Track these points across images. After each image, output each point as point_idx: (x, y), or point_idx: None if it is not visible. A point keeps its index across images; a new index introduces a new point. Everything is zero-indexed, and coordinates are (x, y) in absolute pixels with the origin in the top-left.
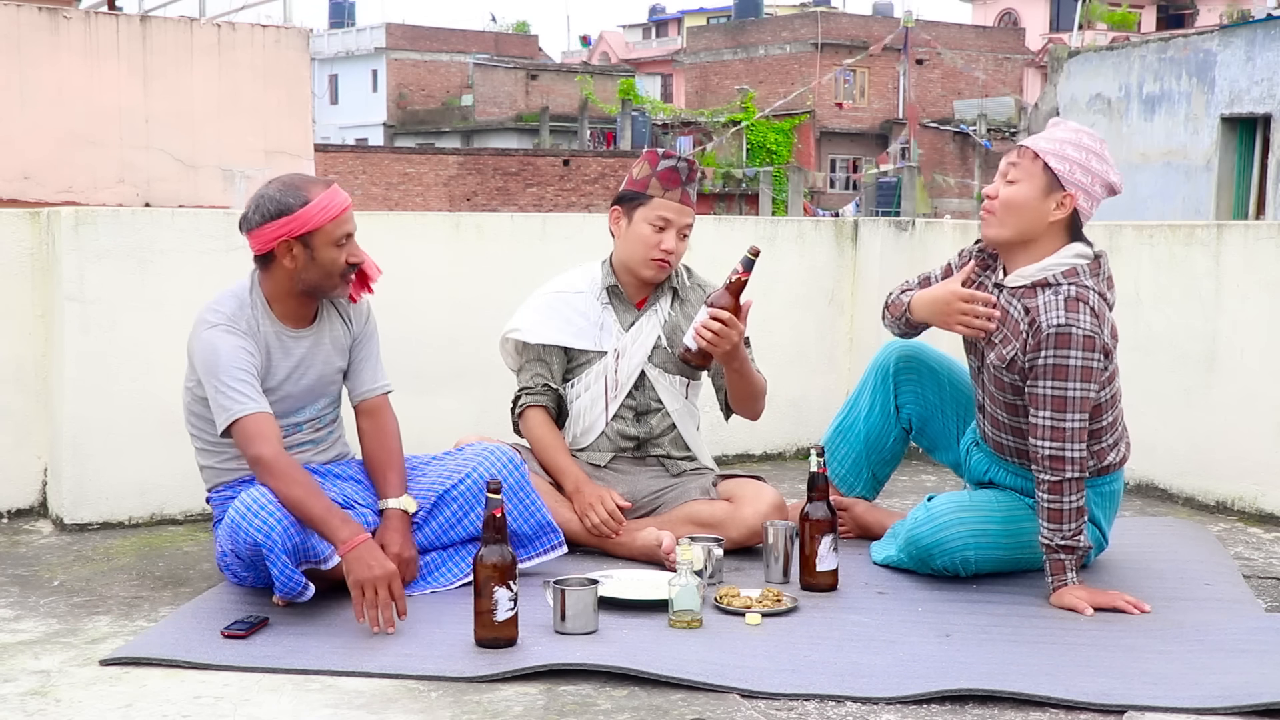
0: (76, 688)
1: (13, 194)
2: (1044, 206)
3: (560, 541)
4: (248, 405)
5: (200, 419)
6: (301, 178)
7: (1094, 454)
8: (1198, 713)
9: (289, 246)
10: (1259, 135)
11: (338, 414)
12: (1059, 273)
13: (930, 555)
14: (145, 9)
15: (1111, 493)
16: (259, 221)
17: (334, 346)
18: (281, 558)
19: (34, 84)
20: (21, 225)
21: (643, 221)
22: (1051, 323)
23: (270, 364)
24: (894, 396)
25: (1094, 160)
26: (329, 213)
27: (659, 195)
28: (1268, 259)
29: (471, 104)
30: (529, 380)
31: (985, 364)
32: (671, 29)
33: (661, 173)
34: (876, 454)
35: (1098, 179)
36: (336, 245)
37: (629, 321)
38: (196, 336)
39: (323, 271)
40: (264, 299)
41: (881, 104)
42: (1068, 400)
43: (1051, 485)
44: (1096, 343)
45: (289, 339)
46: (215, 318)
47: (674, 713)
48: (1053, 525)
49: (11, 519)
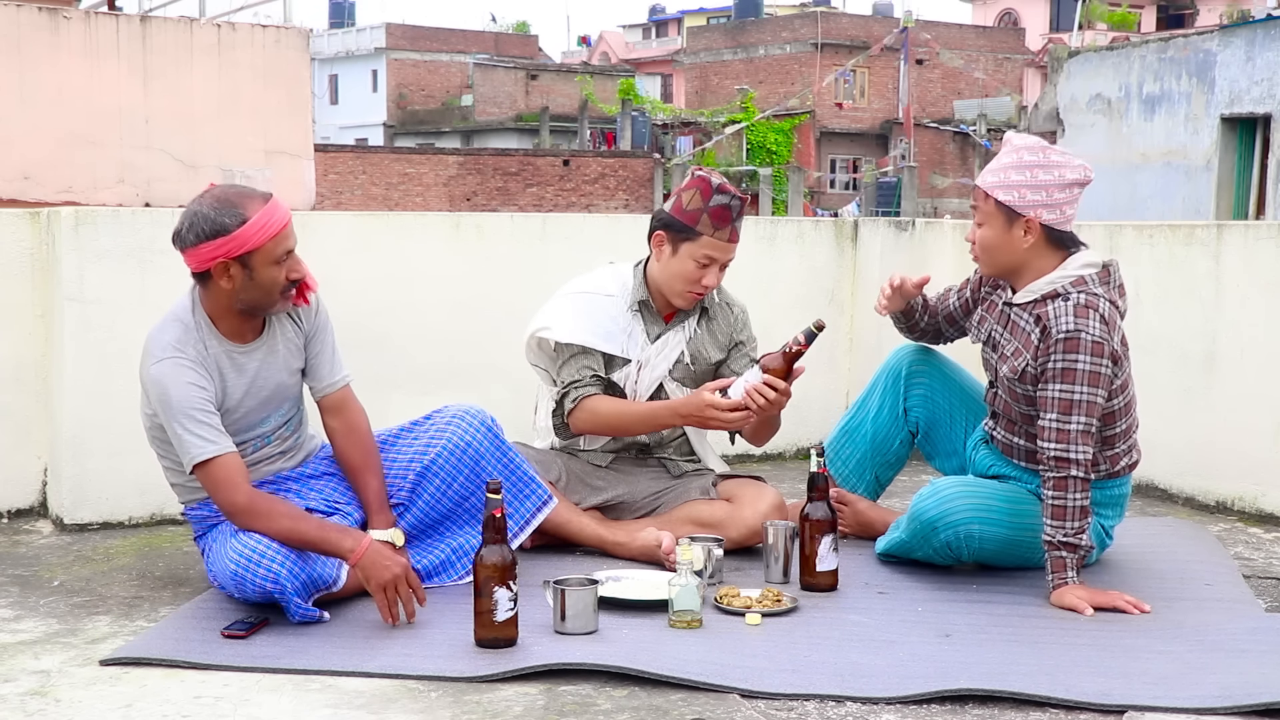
0: (76, 688)
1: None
2: (1012, 238)
3: (548, 497)
4: (207, 448)
5: (164, 444)
6: (238, 192)
7: (1107, 459)
8: (1198, 713)
9: (226, 267)
10: (1259, 135)
11: (302, 414)
12: (1068, 283)
13: (934, 529)
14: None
15: (1120, 496)
16: (193, 241)
17: (287, 350)
18: (294, 600)
19: (34, 84)
20: (21, 225)
21: (688, 256)
22: (1061, 328)
23: (225, 384)
24: (904, 399)
25: (1040, 173)
26: (268, 231)
27: (709, 234)
28: (1268, 259)
29: (471, 104)
30: (576, 374)
31: (999, 378)
32: (671, 29)
33: (714, 209)
34: (881, 456)
35: (1053, 187)
36: (276, 263)
37: (655, 333)
38: (145, 371)
39: (262, 290)
40: (207, 318)
41: (881, 104)
42: (1074, 403)
43: (1057, 482)
44: (1105, 349)
45: (239, 355)
46: (161, 350)
47: (674, 713)
48: (1056, 522)
49: (11, 519)
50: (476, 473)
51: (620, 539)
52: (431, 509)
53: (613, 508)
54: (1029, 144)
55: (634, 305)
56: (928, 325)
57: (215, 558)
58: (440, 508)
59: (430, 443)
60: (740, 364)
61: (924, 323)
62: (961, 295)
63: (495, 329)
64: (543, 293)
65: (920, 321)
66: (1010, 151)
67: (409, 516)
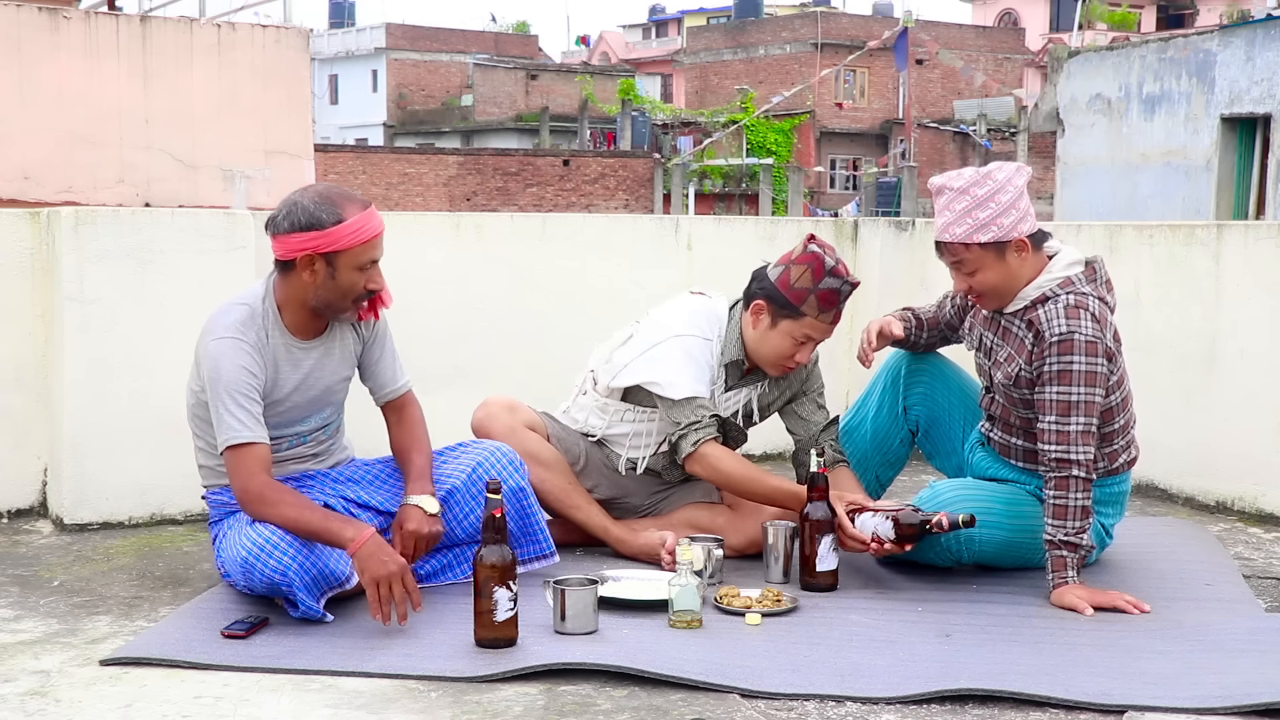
0: (76, 688)
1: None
2: (1010, 264)
3: (550, 552)
4: (243, 433)
5: (204, 422)
6: (340, 193)
7: (1106, 456)
8: (1198, 713)
9: (311, 260)
10: (1259, 135)
11: (340, 422)
12: (1055, 285)
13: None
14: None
15: (1120, 493)
16: (286, 229)
17: (342, 356)
18: (300, 594)
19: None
20: (21, 225)
21: (787, 334)
22: (1055, 331)
23: (278, 376)
24: (903, 397)
25: (1000, 196)
26: (359, 236)
27: (813, 315)
28: (1268, 259)
29: (471, 104)
30: (693, 414)
31: (995, 383)
32: (671, 29)
33: (822, 293)
34: (881, 456)
35: (1012, 203)
36: (359, 269)
37: (732, 383)
38: (203, 345)
39: (339, 293)
40: (276, 307)
41: (881, 104)
42: (1072, 404)
43: (1058, 482)
44: (1099, 348)
45: (298, 350)
46: (223, 329)
47: (674, 713)
48: (1057, 521)
49: (11, 519)
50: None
51: (623, 535)
52: (449, 533)
53: (615, 506)
54: (970, 179)
55: (725, 360)
56: (930, 340)
57: (227, 544)
58: (455, 534)
59: (458, 470)
60: (809, 410)
61: (925, 340)
62: (954, 302)
63: (496, 329)
64: (542, 293)
65: (920, 341)
66: (958, 196)
67: None
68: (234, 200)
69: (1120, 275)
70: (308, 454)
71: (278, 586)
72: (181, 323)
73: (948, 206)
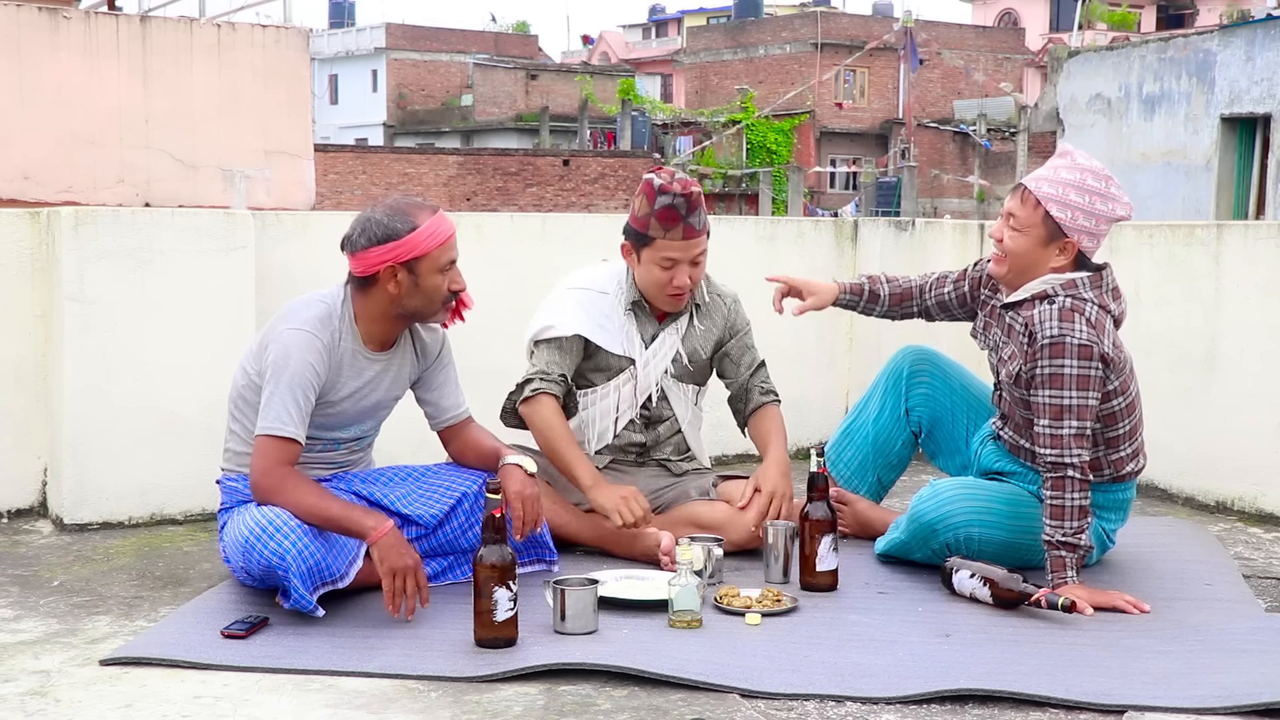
0: (76, 688)
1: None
2: (1046, 254)
3: (553, 560)
4: (288, 428)
5: (248, 405)
6: (409, 202)
7: (1111, 463)
8: (1198, 713)
9: (394, 272)
10: (1259, 135)
11: (376, 436)
12: (1058, 285)
13: (933, 531)
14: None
15: (1124, 500)
16: (365, 245)
17: (398, 376)
18: (295, 581)
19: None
20: (21, 225)
21: (650, 263)
22: (1046, 333)
23: (338, 380)
24: (905, 399)
25: (1098, 203)
26: (436, 239)
27: (660, 236)
28: (1268, 259)
29: (471, 104)
30: (543, 365)
31: (1001, 381)
32: (671, 29)
33: (659, 212)
34: (883, 457)
35: (1102, 219)
36: (441, 272)
37: (650, 334)
38: (277, 330)
39: (426, 298)
40: (352, 316)
41: (881, 104)
42: (1064, 408)
43: (1054, 482)
44: (1093, 351)
45: (364, 360)
46: (301, 321)
47: (674, 713)
48: (1055, 522)
49: (11, 519)
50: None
51: (621, 537)
52: (454, 540)
53: None
54: (1094, 168)
55: (628, 306)
56: (886, 313)
57: (232, 527)
58: (460, 542)
59: (468, 478)
60: (738, 352)
61: (879, 313)
62: (959, 288)
63: (495, 329)
64: (542, 293)
65: (872, 313)
66: (1073, 169)
67: (430, 540)
68: (234, 200)
69: (1120, 275)
70: (339, 460)
71: (274, 570)
72: (181, 323)
73: (1057, 170)
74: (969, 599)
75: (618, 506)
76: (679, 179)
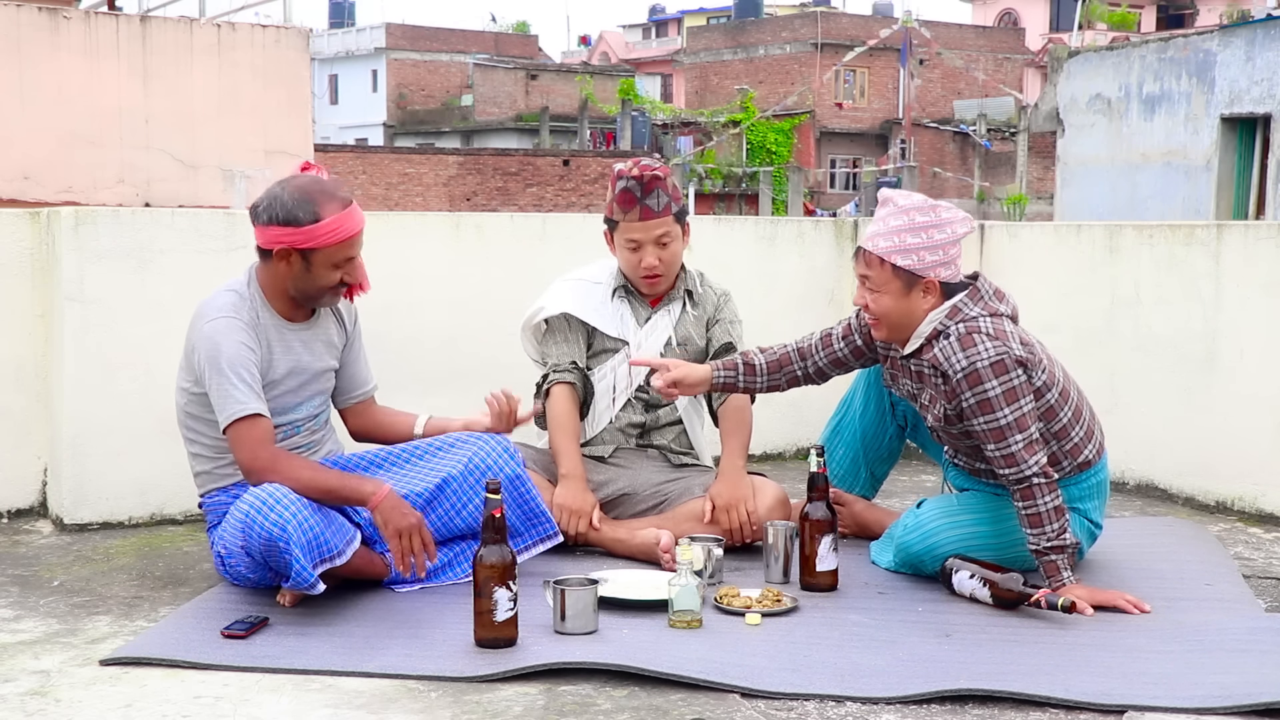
0: (76, 688)
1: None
2: (913, 301)
3: (554, 532)
4: (249, 405)
5: (197, 420)
6: (321, 190)
7: (1067, 453)
8: (1198, 713)
9: (287, 254)
10: (1259, 135)
11: (329, 413)
12: (943, 317)
13: (922, 562)
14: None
15: (1098, 484)
16: (265, 221)
17: (327, 345)
18: (296, 551)
19: (34, 84)
20: (21, 225)
21: (620, 246)
22: (957, 367)
23: (271, 357)
24: (889, 393)
25: (935, 233)
26: (335, 236)
27: (621, 219)
28: (1268, 259)
29: (471, 104)
30: (557, 358)
31: (930, 427)
32: (671, 29)
33: (618, 196)
34: (873, 452)
35: (947, 244)
36: (335, 266)
37: (644, 317)
38: (197, 331)
39: (314, 285)
40: (260, 292)
41: (881, 104)
42: (1004, 428)
43: (1023, 493)
44: (1006, 363)
45: (288, 332)
46: (215, 312)
47: (674, 713)
48: (1035, 530)
49: (11, 519)
50: None
51: (620, 535)
52: (445, 526)
53: (618, 502)
54: (916, 204)
55: (618, 291)
56: (771, 384)
57: (225, 520)
58: (454, 526)
59: (449, 461)
60: (717, 337)
61: (762, 385)
62: (851, 343)
63: (496, 329)
64: (542, 292)
65: (755, 388)
66: (898, 213)
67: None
68: (234, 200)
69: (1120, 275)
70: (302, 444)
71: (274, 542)
72: (181, 322)
73: (884, 219)
74: (969, 599)
75: (565, 509)
76: (642, 164)
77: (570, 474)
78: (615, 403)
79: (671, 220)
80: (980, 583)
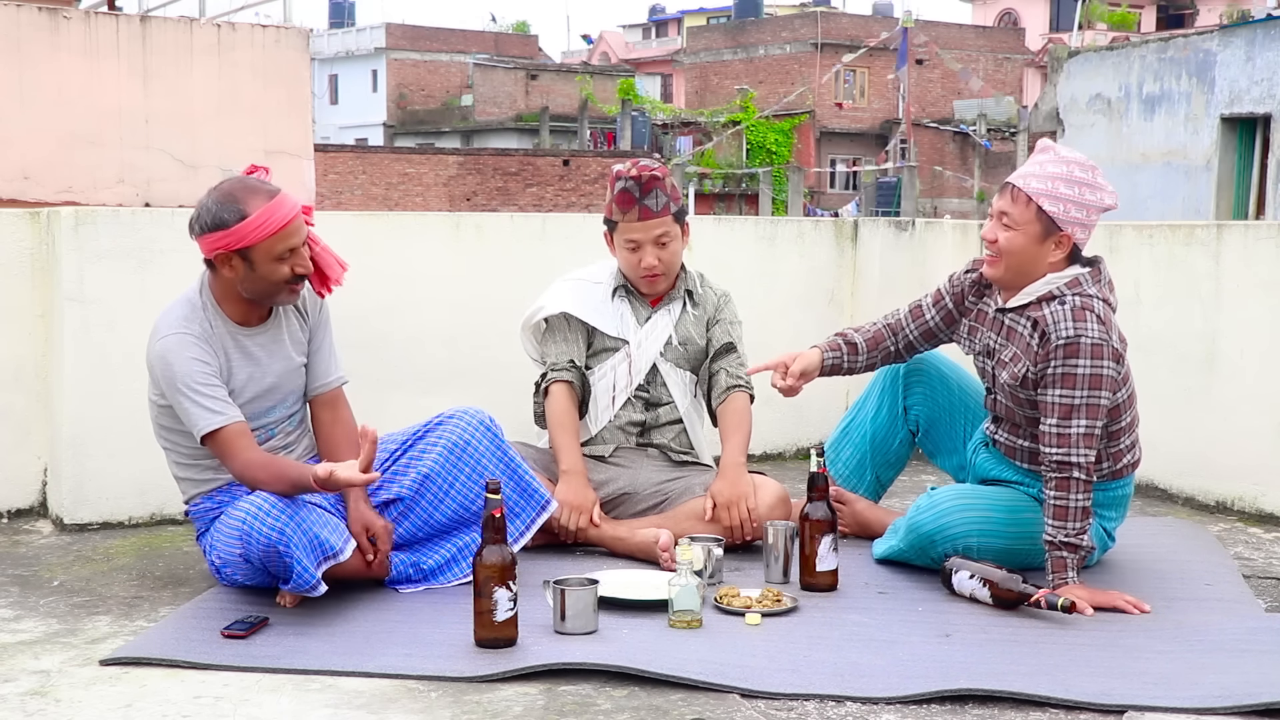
0: (76, 688)
1: (13, 194)
2: (1043, 250)
3: (548, 500)
4: (215, 419)
5: (170, 430)
6: (243, 187)
7: (1110, 456)
8: (1198, 713)
9: (228, 258)
10: (1259, 135)
11: (305, 411)
12: (1063, 284)
13: (932, 542)
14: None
15: (1123, 496)
16: (199, 231)
17: (292, 342)
18: (298, 553)
19: (34, 84)
20: (21, 225)
21: (620, 246)
22: (1061, 334)
23: (230, 366)
24: (903, 397)
25: (1087, 193)
26: (266, 229)
27: (620, 219)
28: (1268, 259)
29: (471, 104)
30: (555, 357)
31: (998, 384)
32: (671, 29)
33: (617, 196)
34: (881, 456)
35: (1093, 209)
36: (278, 260)
37: (644, 316)
38: (151, 350)
39: (265, 283)
40: (213, 299)
41: (881, 104)
42: (1074, 408)
43: (1059, 483)
44: (1105, 349)
45: (245, 338)
46: (166, 327)
47: (674, 713)
48: (1057, 522)
49: (11, 519)
50: (476, 474)
51: (620, 534)
52: (434, 512)
53: (618, 501)
54: (1079, 160)
55: (618, 291)
56: (869, 363)
57: (217, 531)
58: (444, 511)
59: (428, 446)
60: (716, 337)
61: (862, 365)
62: (942, 308)
63: (495, 329)
64: (542, 292)
65: (856, 367)
66: (1059, 162)
67: (411, 520)
68: None
69: (1120, 275)
70: (279, 447)
71: (274, 547)
72: None
73: (1042, 164)
74: (969, 599)
75: (566, 504)
76: (640, 165)
77: (571, 470)
78: (615, 401)
79: (670, 220)
80: (980, 583)
